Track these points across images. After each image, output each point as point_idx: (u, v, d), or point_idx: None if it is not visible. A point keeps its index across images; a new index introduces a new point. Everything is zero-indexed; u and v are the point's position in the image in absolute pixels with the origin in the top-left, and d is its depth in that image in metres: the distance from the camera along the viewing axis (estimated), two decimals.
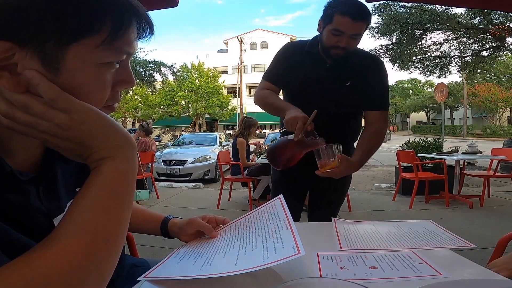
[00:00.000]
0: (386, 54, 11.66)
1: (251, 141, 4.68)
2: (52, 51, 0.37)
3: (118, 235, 0.40)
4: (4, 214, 0.39)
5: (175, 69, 22.09)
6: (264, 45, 34.67)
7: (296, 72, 1.42)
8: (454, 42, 10.93)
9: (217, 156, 4.69)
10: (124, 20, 0.41)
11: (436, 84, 9.34)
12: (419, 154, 4.71)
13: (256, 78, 28.07)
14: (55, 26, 0.37)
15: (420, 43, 11.10)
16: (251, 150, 4.77)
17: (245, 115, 4.96)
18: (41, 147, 0.47)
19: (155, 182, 5.16)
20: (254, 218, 0.75)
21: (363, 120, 1.55)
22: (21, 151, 0.44)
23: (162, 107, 26.57)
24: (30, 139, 0.42)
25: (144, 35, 0.45)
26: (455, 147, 5.01)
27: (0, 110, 0.38)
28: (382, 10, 10.35)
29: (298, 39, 1.58)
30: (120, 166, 0.41)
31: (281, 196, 0.75)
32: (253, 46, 35.54)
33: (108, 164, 0.40)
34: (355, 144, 1.50)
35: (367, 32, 1.66)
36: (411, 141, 5.43)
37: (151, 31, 0.46)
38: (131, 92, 22.69)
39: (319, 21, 1.36)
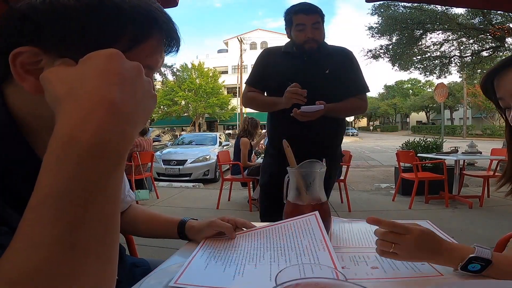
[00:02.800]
0: (386, 54, 11.66)
1: (255, 141, 4.69)
2: (73, 59, 0.38)
3: (96, 237, 0.31)
4: None
5: (175, 69, 22.08)
6: (264, 45, 34.66)
7: (275, 71, 1.60)
8: (454, 42, 10.93)
9: (217, 156, 4.69)
10: (142, 33, 0.41)
11: (436, 84, 9.33)
12: (419, 154, 4.71)
13: None
14: (77, 36, 0.38)
15: (420, 43, 11.10)
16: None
17: (245, 115, 4.93)
18: None
19: (154, 182, 5.16)
20: (285, 229, 0.72)
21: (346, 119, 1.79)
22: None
23: (162, 107, 26.54)
24: None
25: (170, 50, 0.46)
26: (455, 147, 5.00)
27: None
28: (382, 10, 10.35)
29: None
30: None
31: (316, 212, 0.73)
32: (253, 46, 35.56)
33: None
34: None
35: (367, 32, 1.98)
36: (411, 141, 5.43)
37: (177, 46, 0.46)
38: None
39: (285, 29, 1.62)
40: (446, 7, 8.69)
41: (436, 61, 11.65)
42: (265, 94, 1.72)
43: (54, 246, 0.29)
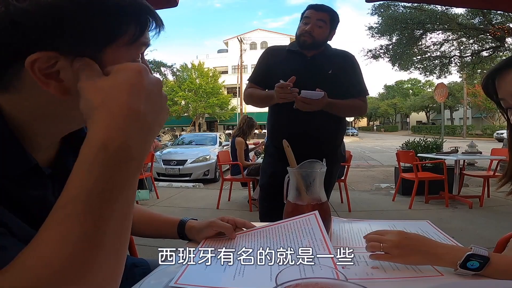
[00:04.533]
0: (386, 54, 11.67)
1: (250, 141, 4.68)
2: (90, 56, 0.39)
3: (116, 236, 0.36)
4: (24, 209, 0.41)
5: (175, 69, 22.08)
6: (264, 45, 34.62)
7: (277, 69, 1.62)
8: (454, 42, 10.95)
9: (217, 156, 4.69)
10: (144, 19, 0.43)
11: (436, 84, 9.34)
12: (419, 154, 4.71)
13: None
14: (89, 34, 0.39)
15: (420, 43, 11.12)
16: (249, 149, 4.77)
17: (245, 114, 4.94)
18: (58, 144, 0.50)
19: (154, 182, 5.15)
20: (284, 229, 0.72)
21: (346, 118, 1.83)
22: (44, 147, 0.47)
23: None
24: (55, 136, 0.46)
25: (153, 27, 0.47)
26: (455, 147, 5.01)
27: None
28: (382, 10, 10.37)
29: None
30: None
31: (316, 212, 0.72)
32: (253, 46, 35.54)
33: None
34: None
35: (367, 32, 2.04)
36: (411, 141, 5.43)
37: (161, 24, 0.48)
38: None
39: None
40: (446, 7, 8.70)
41: (436, 61, 11.66)
42: None
43: (80, 242, 0.32)
